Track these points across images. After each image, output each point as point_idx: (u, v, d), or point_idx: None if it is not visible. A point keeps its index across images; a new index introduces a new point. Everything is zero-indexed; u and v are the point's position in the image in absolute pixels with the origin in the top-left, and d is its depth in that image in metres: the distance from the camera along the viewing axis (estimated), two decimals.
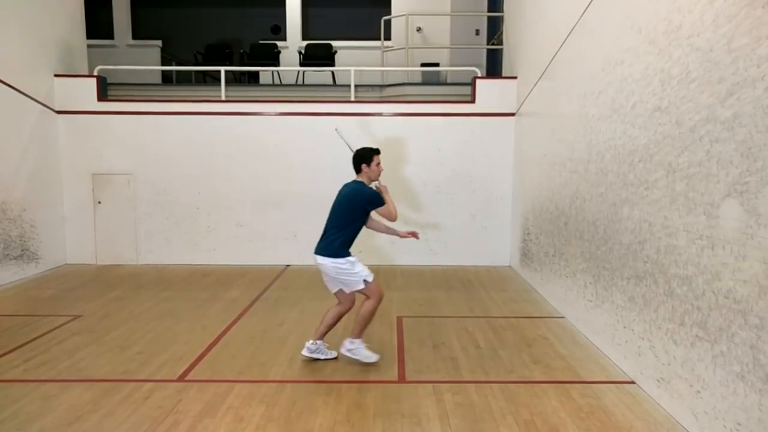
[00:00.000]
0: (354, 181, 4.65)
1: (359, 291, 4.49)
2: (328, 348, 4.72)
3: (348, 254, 4.48)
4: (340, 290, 4.56)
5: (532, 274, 7.43)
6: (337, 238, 4.45)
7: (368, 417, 3.68)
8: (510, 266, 8.69)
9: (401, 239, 5.10)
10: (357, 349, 4.55)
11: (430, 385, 4.20)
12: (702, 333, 3.32)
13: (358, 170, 4.65)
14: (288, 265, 8.74)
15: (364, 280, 4.44)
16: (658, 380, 3.87)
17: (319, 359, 4.64)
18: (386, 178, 8.70)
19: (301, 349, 4.67)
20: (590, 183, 5.19)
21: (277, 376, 4.38)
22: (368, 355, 4.56)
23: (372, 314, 4.52)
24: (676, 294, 3.61)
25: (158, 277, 7.97)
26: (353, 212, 4.51)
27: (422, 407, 3.83)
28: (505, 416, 3.69)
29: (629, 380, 4.27)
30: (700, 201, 3.34)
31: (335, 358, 4.67)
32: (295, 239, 8.82)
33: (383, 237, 8.80)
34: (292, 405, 3.86)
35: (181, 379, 4.31)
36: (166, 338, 5.25)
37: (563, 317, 5.94)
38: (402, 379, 4.35)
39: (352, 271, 4.42)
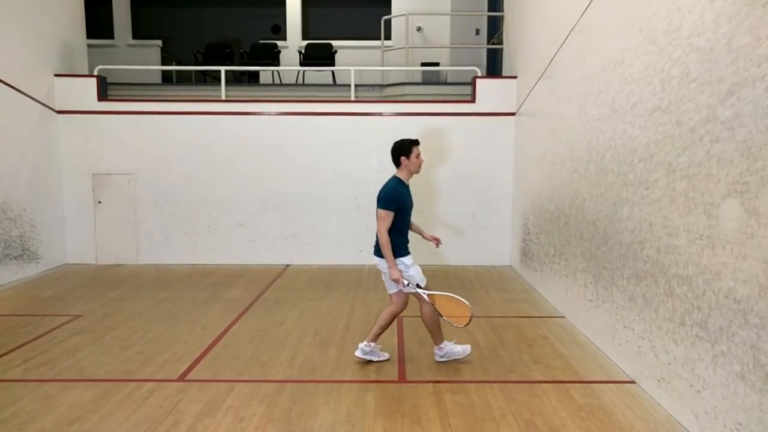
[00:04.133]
0: (391, 177, 4.44)
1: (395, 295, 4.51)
2: (382, 350, 4.70)
3: (401, 254, 4.36)
4: (398, 292, 4.48)
5: (532, 273, 7.43)
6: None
7: (368, 417, 3.68)
8: (510, 266, 8.69)
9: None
10: (449, 352, 4.59)
11: (431, 384, 4.20)
12: (702, 333, 3.32)
13: (397, 164, 4.42)
14: (288, 265, 8.74)
15: (417, 284, 4.37)
16: (658, 380, 3.87)
17: (371, 361, 4.61)
18: (386, 177, 8.73)
19: (354, 350, 4.65)
20: (590, 183, 5.19)
21: (278, 376, 4.38)
22: (463, 350, 4.63)
23: (431, 317, 4.44)
24: (677, 294, 3.61)
25: (158, 277, 7.97)
26: None
27: (422, 407, 3.83)
28: (505, 416, 3.69)
29: (629, 380, 4.27)
30: (701, 201, 3.34)
31: (387, 360, 4.67)
32: (295, 239, 8.82)
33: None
34: (292, 405, 3.86)
35: (182, 379, 4.31)
36: (167, 338, 5.25)
37: (563, 317, 5.94)
38: (402, 379, 4.35)
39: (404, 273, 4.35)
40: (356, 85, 9.03)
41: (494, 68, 11.03)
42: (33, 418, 3.66)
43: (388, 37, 11.29)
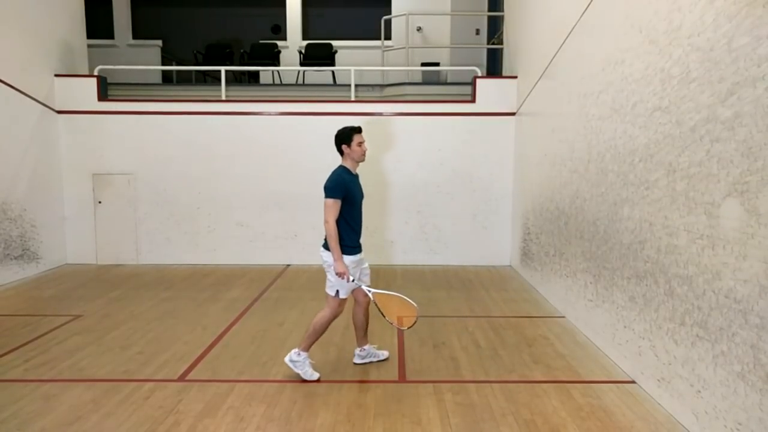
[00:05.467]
0: (337, 166, 4.33)
1: (328, 296, 4.27)
2: (378, 348, 4.70)
3: (347, 251, 4.19)
4: (335, 296, 4.26)
5: (532, 273, 7.43)
6: None
7: (369, 417, 3.68)
8: (510, 266, 8.69)
9: (402, 239, 4.92)
10: (300, 363, 4.24)
11: (431, 384, 4.20)
12: (702, 332, 3.32)
13: (340, 152, 4.31)
14: (288, 265, 8.74)
15: (337, 291, 4.20)
16: (658, 380, 3.87)
17: (371, 361, 4.61)
18: (388, 178, 8.76)
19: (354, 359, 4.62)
20: (590, 183, 5.19)
21: (278, 376, 4.38)
22: (311, 374, 4.24)
23: (324, 327, 4.28)
24: (677, 294, 3.61)
25: (159, 277, 7.97)
26: None
27: (423, 407, 3.83)
28: (505, 416, 3.69)
29: (630, 380, 4.27)
30: (701, 201, 3.34)
31: (387, 359, 4.67)
32: (296, 239, 8.82)
33: (383, 236, 8.82)
34: (292, 405, 3.86)
35: (182, 379, 4.32)
36: (167, 338, 5.25)
37: (563, 317, 5.94)
38: (402, 378, 4.35)
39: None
40: (356, 85, 9.02)
41: (494, 68, 11.03)
42: (33, 418, 3.66)
43: (388, 37, 11.29)
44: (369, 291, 4.22)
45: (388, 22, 11.08)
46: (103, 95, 8.73)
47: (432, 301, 6.66)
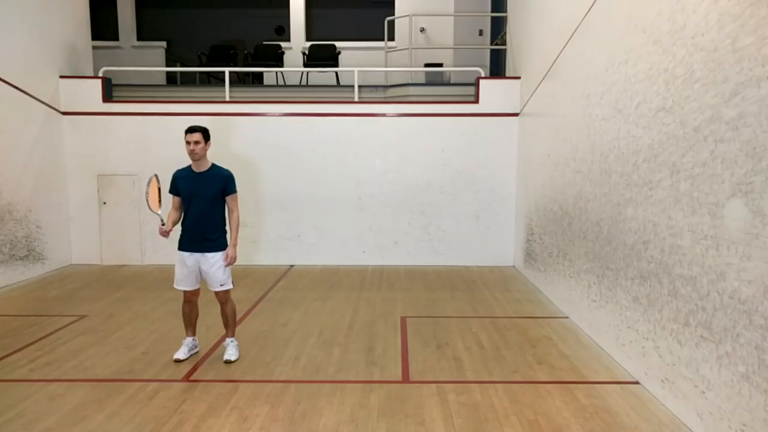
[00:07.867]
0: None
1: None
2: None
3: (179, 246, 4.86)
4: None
5: (535, 274, 7.42)
6: None
7: (372, 417, 3.69)
8: (514, 266, 8.69)
9: (406, 239, 5.03)
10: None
11: (434, 385, 4.21)
12: (707, 333, 3.31)
13: None
14: (292, 266, 8.76)
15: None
16: (662, 381, 3.86)
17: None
18: (391, 178, 8.77)
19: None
20: (594, 183, 5.19)
21: (282, 376, 4.39)
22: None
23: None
24: (681, 294, 3.60)
25: (163, 277, 7.98)
26: None
27: (426, 407, 3.83)
28: (509, 416, 3.69)
29: (633, 380, 4.26)
30: (705, 201, 3.33)
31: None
32: (299, 239, 8.84)
33: (387, 237, 8.83)
34: (296, 405, 3.87)
35: (186, 379, 4.33)
36: (171, 338, 5.27)
37: (567, 317, 5.93)
38: (406, 379, 4.35)
39: None
40: (360, 86, 9.04)
41: (497, 69, 11.02)
42: (38, 417, 3.68)
43: (391, 38, 11.29)
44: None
45: (392, 23, 11.09)
46: (107, 96, 8.77)
47: (435, 302, 6.67)
